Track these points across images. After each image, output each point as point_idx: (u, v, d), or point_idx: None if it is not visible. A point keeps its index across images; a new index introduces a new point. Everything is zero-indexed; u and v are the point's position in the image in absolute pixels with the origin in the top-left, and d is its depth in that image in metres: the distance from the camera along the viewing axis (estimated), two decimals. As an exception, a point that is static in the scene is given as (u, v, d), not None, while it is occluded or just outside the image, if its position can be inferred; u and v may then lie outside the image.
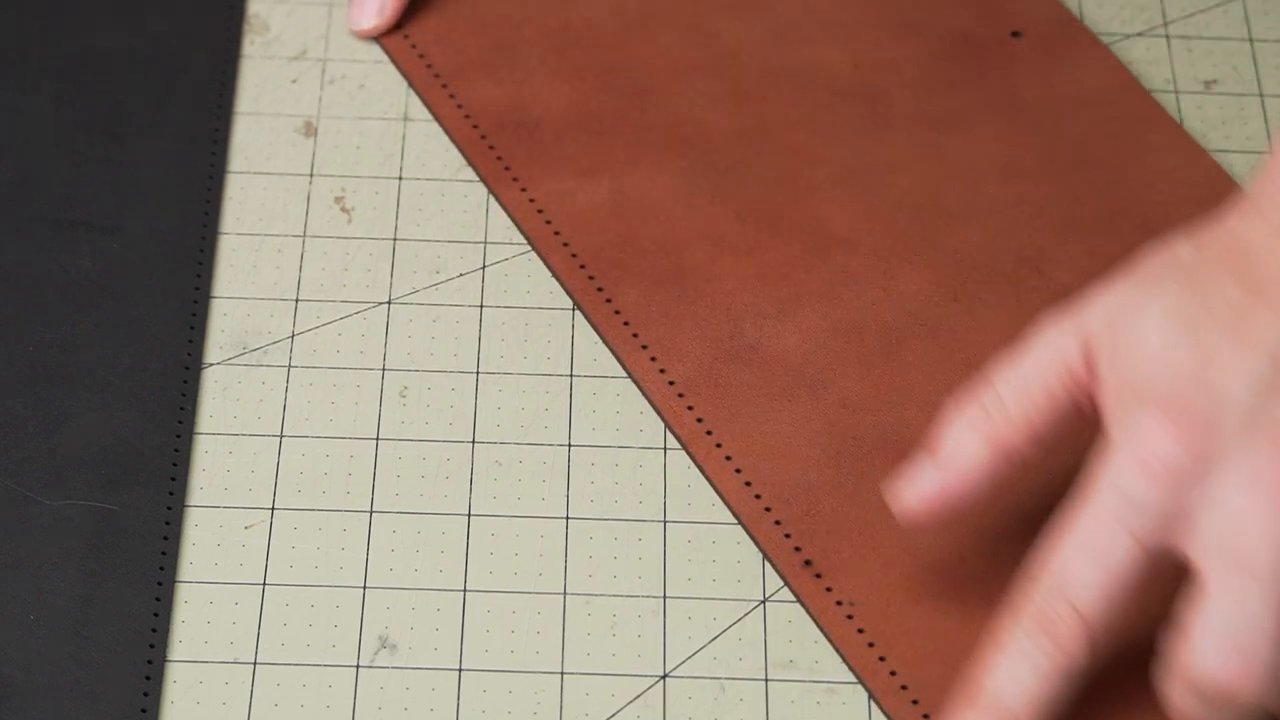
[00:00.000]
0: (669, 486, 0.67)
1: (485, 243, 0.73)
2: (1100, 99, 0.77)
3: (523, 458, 0.68)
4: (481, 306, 0.72)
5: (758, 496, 0.68)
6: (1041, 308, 0.70)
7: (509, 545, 0.66)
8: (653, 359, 0.71)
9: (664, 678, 0.63)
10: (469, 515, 0.67)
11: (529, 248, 0.73)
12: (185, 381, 0.69)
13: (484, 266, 0.72)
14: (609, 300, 0.72)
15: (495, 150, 0.76)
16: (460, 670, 0.63)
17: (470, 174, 0.75)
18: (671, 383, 0.70)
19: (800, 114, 0.77)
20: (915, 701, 0.63)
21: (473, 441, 0.68)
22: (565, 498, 0.67)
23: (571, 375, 0.70)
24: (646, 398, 0.70)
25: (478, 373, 0.70)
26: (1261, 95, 0.78)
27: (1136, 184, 0.74)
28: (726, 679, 0.63)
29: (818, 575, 0.66)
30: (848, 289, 0.72)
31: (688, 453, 0.68)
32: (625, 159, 0.76)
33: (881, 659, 0.64)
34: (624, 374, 0.70)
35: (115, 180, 0.73)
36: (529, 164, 0.76)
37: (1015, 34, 0.79)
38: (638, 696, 0.63)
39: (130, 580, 0.64)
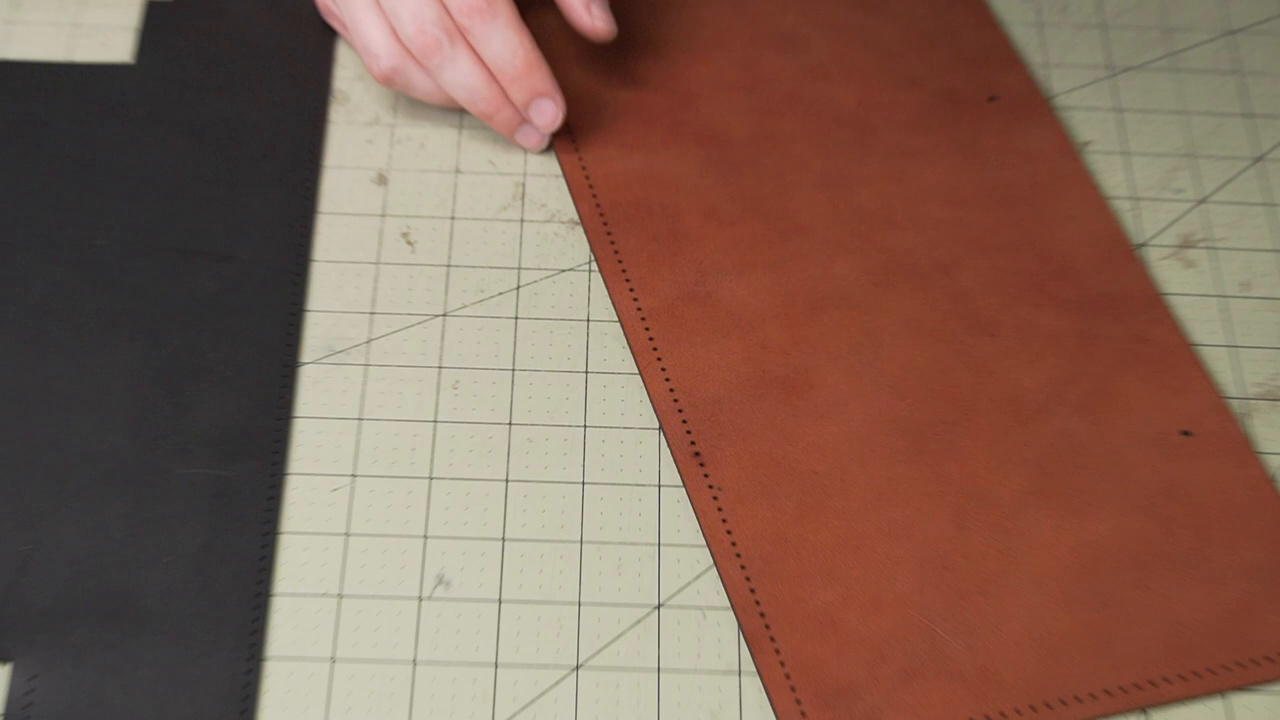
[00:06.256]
0: (662, 459, 0.68)
1: (519, 268, 0.73)
2: (1040, 155, 0.76)
3: (548, 436, 0.68)
4: (516, 318, 0.71)
5: (675, 400, 0.68)
6: (942, 303, 0.71)
7: (538, 504, 0.66)
8: (631, 289, 0.71)
9: (658, 607, 0.64)
10: (507, 480, 0.67)
11: (555, 272, 0.72)
12: (285, 377, 0.69)
13: (518, 287, 0.72)
14: (613, 242, 0.73)
15: (571, 128, 0.77)
16: (500, 601, 0.64)
17: (508, 214, 0.74)
18: (639, 308, 0.71)
19: (805, 132, 0.77)
20: (743, 567, 0.64)
21: (510, 423, 0.68)
22: (582, 467, 0.67)
23: (587, 372, 0.70)
24: (617, 315, 0.71)
25: (513, 370, 0.70)
26: (1126, 154, 0.77)
27: (1047, 223, 0.75)
28: (707, 608, 0.64)
29: (701, 464, 0.67)
30: (796, 264, 0.72)
31: (636, 364, 0.69)
32: (659, 142, 0.76)
33: (729, 532, 0.65)
34: (630, 371, 0.70)
35: (231, 219, 0.73)
36: (589, 134, 0.76)
37: (992, 99, 0.78)
38: (638, 622, 0.64)
39: (243, 532, 0.65)
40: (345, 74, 0.79)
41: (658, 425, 0.69)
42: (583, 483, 0.67)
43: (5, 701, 0.61)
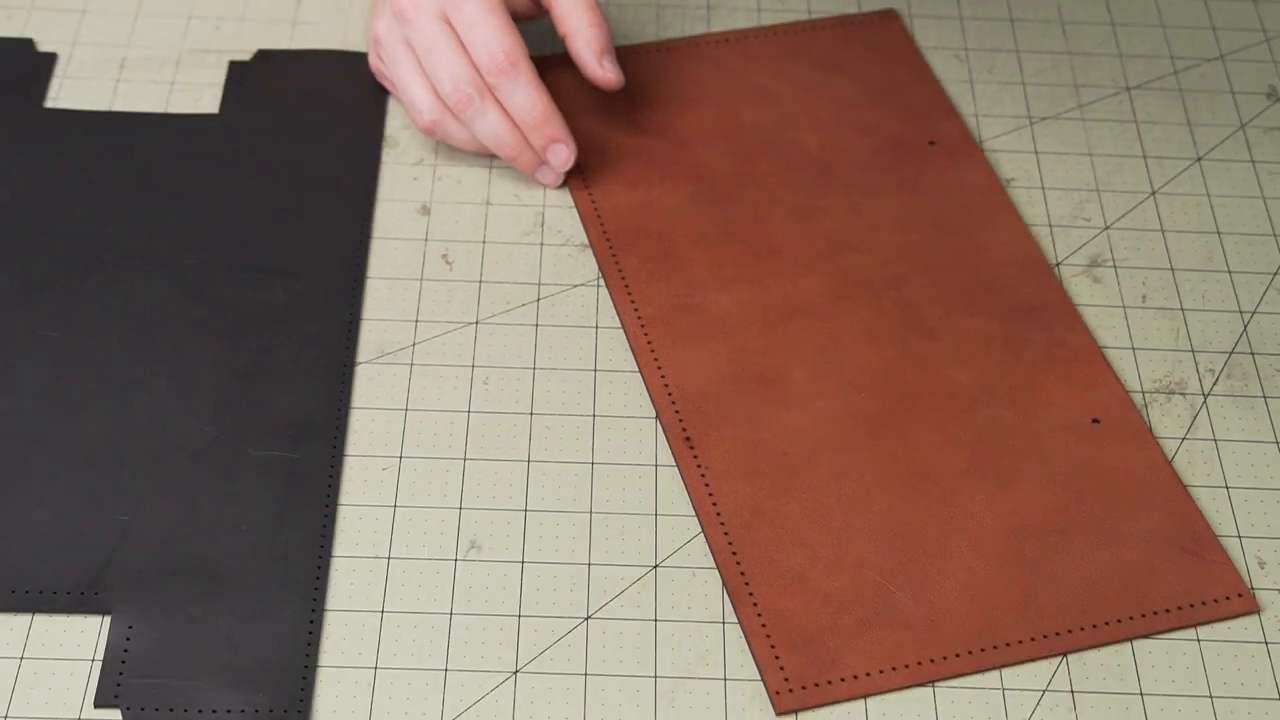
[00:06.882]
0: (658, 443, 0.68)
1: (539, 284, 0.73)
2: (972, 189, 0.76)
3: (563, 423, 0.68)
4: (536, 325, 0.71)
5: (669, 393, 0.68)
6: (891, 312, 0.71)
7: (554, 480, 0.66)
8: (632, 301, 0.71)
9: (655, 567, 0.64)
10: (529, 461, 0.67)
11: (569, 287, 0.72)
12: (344, 374, 0.69)
13: (538, 299, 0.72)
14: (618, 263, 0.73)
15: (582, 167, 0.77)
16: (523, 563, 0.64)
17: (530, 239, 0.74)
18: (639, 317, 0.71)
19: (777, 170, 0.76)
20: (726, 534, 0.64)
21: (531, 413, 0.68)
22: (591, 450, 0.67)
23: (595, 370, 0.70)
24: (620, 323, 0.71)
25: (534, 368, 0.70)
26: (1043, 189, 0.77)
27: (979, 246, 0.74)
28: (696, 568, 0.64)
29: (691, 446, 0.67)
30: (771, 280, 0.72)
31: (637, 363, 0.69)
32: (656, 179, 0.76)
33: (714, 503, 0.65)
34: (631, 369, 0.69)
35: (299, 242, 0.73)
36: (597, 172, 0.76)
37: (932, 142, 0.78)
38: (638, 580, 0.64)
39: (308, 504, 0.65)
40: (394, 123, 0.79)
41: (655, 415, 0.69)
42: (592, 463, 0.67)
43: (106, 647, 0.61)
